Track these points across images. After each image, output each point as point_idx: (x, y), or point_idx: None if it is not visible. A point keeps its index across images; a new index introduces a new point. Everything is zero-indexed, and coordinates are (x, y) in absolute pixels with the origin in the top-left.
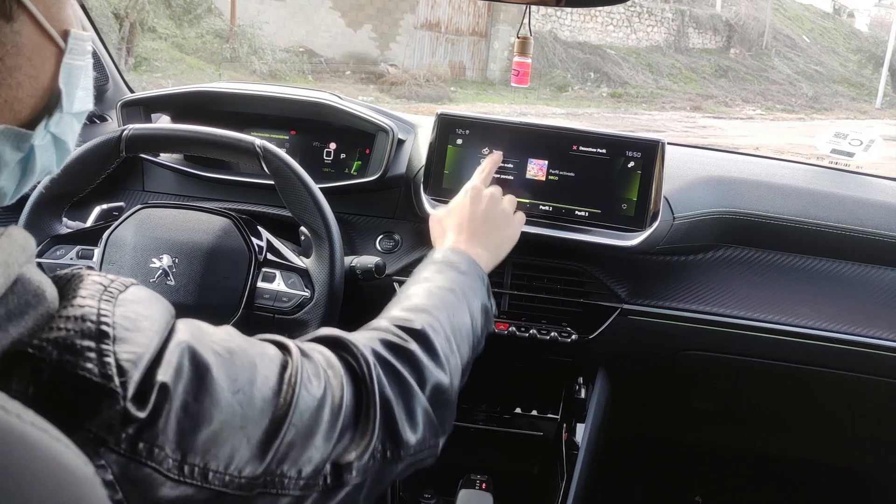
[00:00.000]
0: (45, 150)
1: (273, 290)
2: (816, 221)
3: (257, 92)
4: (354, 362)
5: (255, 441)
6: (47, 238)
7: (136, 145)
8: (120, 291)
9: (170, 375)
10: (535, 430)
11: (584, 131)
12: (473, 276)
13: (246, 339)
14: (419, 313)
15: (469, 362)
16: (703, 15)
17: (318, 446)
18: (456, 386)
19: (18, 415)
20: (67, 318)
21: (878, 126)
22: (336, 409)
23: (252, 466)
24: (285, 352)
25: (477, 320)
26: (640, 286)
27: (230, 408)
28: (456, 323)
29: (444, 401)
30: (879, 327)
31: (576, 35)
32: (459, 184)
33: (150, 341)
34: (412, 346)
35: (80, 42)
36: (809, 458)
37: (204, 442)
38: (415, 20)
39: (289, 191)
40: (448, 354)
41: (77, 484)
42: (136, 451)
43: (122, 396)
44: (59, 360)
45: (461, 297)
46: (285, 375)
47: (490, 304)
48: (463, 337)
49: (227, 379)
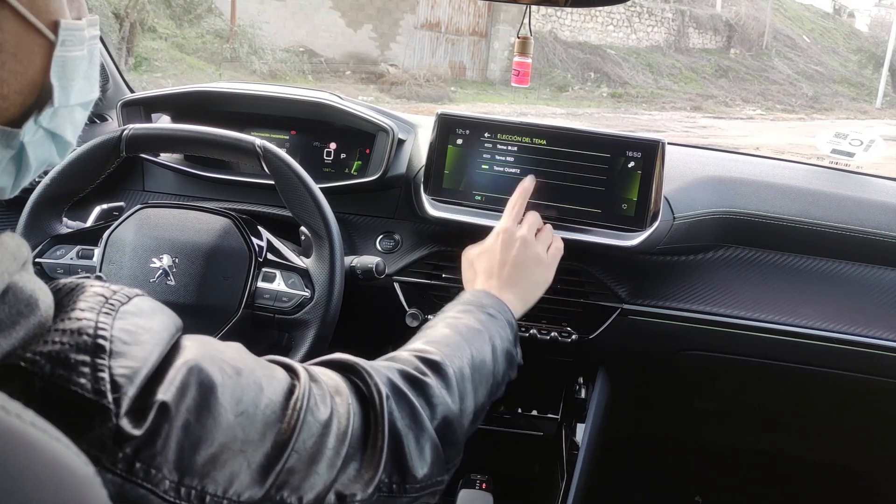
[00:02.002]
0: (39, 146)
1: (273, 289)
2: (817, 221)
3: (257, 92)
4: (366, 389)
5: (255, 465)
6: (47, 238)
7: (137, 145)
8: (122, 303)
9: (171, 394)
10: (535, 429)
11: (585, 131)
12: (502, 322)
13: (255, 360)
14: (441, 346)
15: (484, 407)
16: (703, 15)
17: (322, 473)
18: (466, 426)
19: (19, 415)
20: (63, 331)
21: (878, 126)
22: (341, 436)
23: (251, 491)
24: (293, 375)
25: (500, 365)
26: (641, 286)
27: (231, 430)
28: (477, 363)
29: (453, 438)
30: (880, 327)
31: (576, 35)
32: (460, 184)
33: (149, 355)
34: (430, 379)
35: (74, 32)
36: (809, 458)
37: (203, 464)
38: (415, 20)
39: (289, 191)
40: (464, 393)
41: (78, 484)
42: (132, 472)
43: (115, 413)
44: (52, 374)
45: (486, 339)
46: (291, 399)
47: (515, 352)
48: (482, 379)
49: (232, 399)
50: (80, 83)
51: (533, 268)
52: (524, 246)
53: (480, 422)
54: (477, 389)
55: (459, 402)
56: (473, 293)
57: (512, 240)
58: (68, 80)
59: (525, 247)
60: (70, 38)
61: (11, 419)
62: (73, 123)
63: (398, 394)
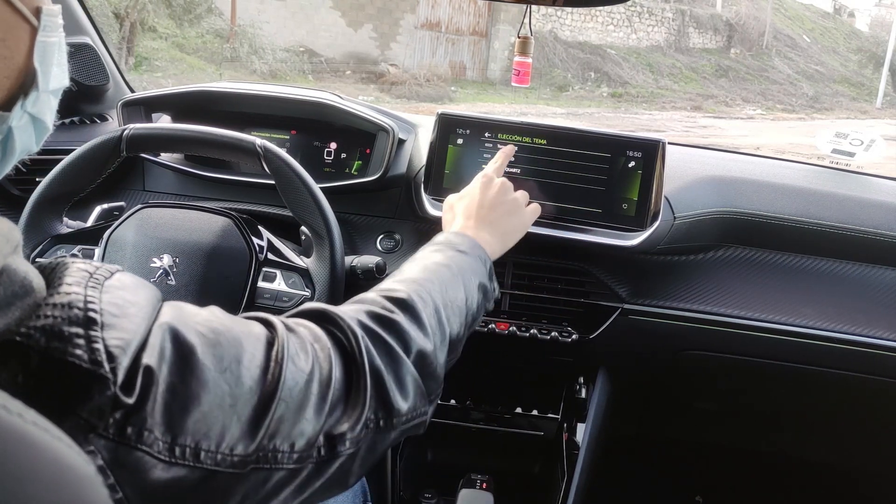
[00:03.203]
0: (23, 131)
1: (274, 289)
2: (817, 221)
3: (258, 92)
4: (342, 335)
5: (245, 418)
6: (48, 238)
7: (137, 145)
8: (105, 278)
9: (153, 358)
10: (535, 429)
11: (585, 131)
12: (474, 257)
13: (231, 318)
14: (408, 284)
15: (460, 338)
16: (703, 15)
17: (310, 419)
18: (441, 358)
19: (20, 414)
20: (54, 305)
21: (878, 126)
22: (325, 381)
23: (244, 444)
24: (270, 328)
25: (473, 298)
26: (641, 286)
27: (218, 387)
28: (448, 297)
29: (430, 370)
30: (880, 327)
31: (576, 35)
32: (460, 183)
33: (138, 327)
34: (397, 315)
35: (52, 18)
36: (810, 458)
37: (194, 422)
38: (415, 20)
39: (289, 190)
40: (435, 326)
41: (79, 484)
42: (124, 436)
43: (113, 382)
44: (48, 347)
45: (457, 273)
46: (272, 352)
47: (491, 285)
48: (454, 311)
49: (213, 358)
50: (55, 69)
51: (509, 210)
52: (503, 189)
53: (459, 353)
54: (450, 321)
55: (432, 335)
56: (445, 235)
57: (491, 183)
58: (48, 65)
59: (504, 190)
60: (49, 23)
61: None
62: (51, 110)
63: (371, 334)
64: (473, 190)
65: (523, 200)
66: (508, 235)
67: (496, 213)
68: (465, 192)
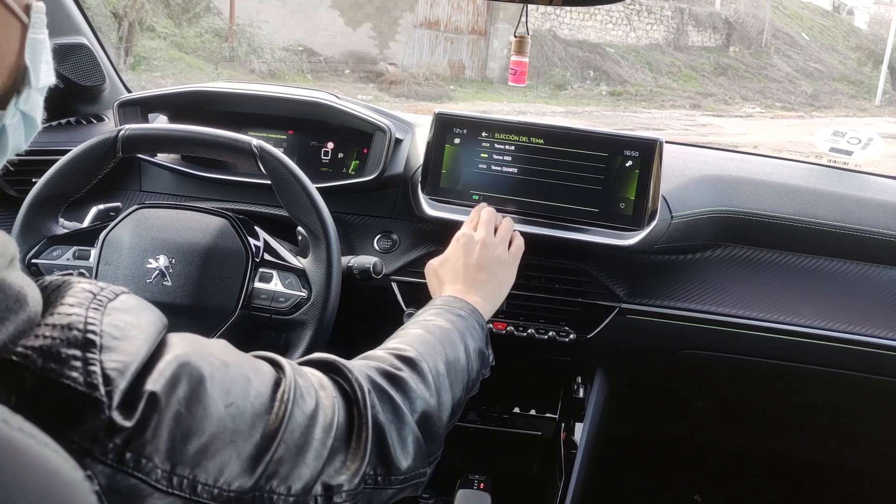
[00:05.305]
0: (15, 129)
1: (270, 290)
2: (815, 220)
3: (254, 91)
4: (347, 386)
5: (245, 455)
6: (43, 238)
7: (133, 145)
8: (110, 300)
9: (161, 385)
10: (533, 429)
11: (582, 130)
12: (472, 322)
13: (241, 354)
14: (415, 344)
15: (461, 402)
16: (702, 13)
17: (309, 464)
18: (444, 420)
19: (5, 420)
20: (53, 326)
21: (877, 124)
22: (327, 427)
23: (241, 480)
24: (279, 369)
25: (473, 363)
26: (639, 285)
27: (222, 421)
28: (451, 360)
29: (432, 431)
30: (878, 326)
31: (575, 33)
32: (457, 183)
33: (139, 350)
34: (405, 373)
35: (40, 15)
36: (808, 458)
37: (194, 454)
38: (414, 19)
39: (286, 191)
40: (440, 388)
41: (65, 490)
42: (123, 462)
43: (108, 406)
44: (44, 368)
45: (458, 337)
46: (278, 392)
47: (487, 352)
48: (457, 375)
49: (221, 391)
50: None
51: (496, 269)
52: (484, 248)
53: (458, 417)
54: (453, 385)
55: (437, 397)
56: (442, 298)
57: (472, 244)
58: (37, 62)
59: (485, 249)
60: (38, 20)
61: None
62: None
63: (378, 389)
64: (455, 254)
65: (504, 249)
66: (497, 293)
67: (484, 275)
68: (447, 255)
